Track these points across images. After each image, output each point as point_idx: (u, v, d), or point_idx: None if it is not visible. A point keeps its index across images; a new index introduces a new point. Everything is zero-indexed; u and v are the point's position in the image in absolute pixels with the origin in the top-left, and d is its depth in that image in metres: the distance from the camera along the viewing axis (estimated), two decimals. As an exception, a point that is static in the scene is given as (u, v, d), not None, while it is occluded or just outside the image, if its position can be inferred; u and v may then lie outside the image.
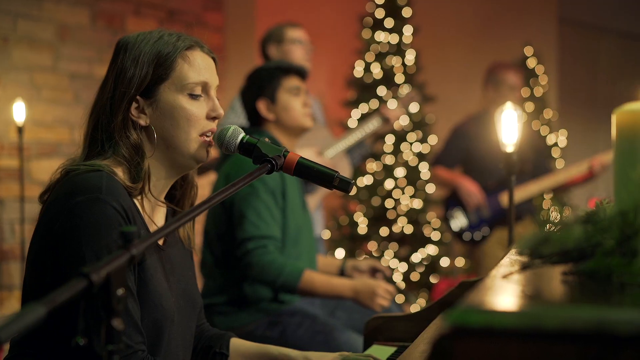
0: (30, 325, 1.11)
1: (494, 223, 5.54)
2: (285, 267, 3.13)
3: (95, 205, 1.80)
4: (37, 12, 5.81)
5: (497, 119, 3.08)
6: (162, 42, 2.00)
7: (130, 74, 1.96)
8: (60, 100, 5.92)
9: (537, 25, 8.20)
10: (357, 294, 3.15)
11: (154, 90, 1.98)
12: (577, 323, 0.96)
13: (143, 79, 1.96)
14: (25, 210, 5.29)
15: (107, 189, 1.83)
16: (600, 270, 1.22)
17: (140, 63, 1.97)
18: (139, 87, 1.96)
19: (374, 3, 6.57)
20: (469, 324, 1.00)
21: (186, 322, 2.08)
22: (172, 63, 1.98)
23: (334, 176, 1.91)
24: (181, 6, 6.87)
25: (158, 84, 1.98)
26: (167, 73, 1.98)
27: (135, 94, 1.96)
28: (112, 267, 1.30)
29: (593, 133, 8.78)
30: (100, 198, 1.81)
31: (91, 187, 1.83)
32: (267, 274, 3.13)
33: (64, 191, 1.87)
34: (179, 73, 1.99)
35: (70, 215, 1.81)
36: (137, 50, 1.98)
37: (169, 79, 1.98)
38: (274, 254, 3.17)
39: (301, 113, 3.46)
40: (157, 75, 1.97)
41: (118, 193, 1.85)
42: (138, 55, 1.97)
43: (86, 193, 1.82)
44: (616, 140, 1.32)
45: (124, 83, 1.96)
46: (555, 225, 1.33)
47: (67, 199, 1.84)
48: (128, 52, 1.99)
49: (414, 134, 6.46)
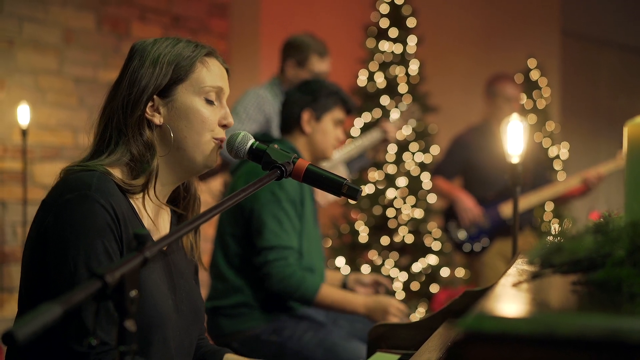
0: (47, 325, 1.11)
1: (493, 234, 5.55)
2: (304, 281, 3.17)
3: (83, 201, 1.81)
4: (42, 16, 5.82)
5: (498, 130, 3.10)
6: (182, 46, 2.04)
7: (149, 73, 1.99)
8: (65, 104, 5.93)
9: (540, 38, 8.23)
10: (370, 311, 3.21)
11: (171, 90, 2.00)
12: (591, 331, 0.97)
13: (162, 78, 1.99)
14: (27, 212, 5.30)
15: (98, 187, 1.84)
16: (610, 280, 1.24)
17: (160, 63, 1.99)
18: (158, 86, 1.99)
19: (379, 13, 6.58)
20: (483, 329, 1.01)
21: (186, 328, 2.07)
22: (192, 66, 2.02)
23: (343, 183, 1.92)
24: (186, 12, 6.89)
25: (176, 85, 2.00)
26: (187, 74, 2.01)
27: (153, 92, 1.98)
28: (126, 269, 1.31)
29: (595, 145, 8.80)
30: (89, 195, 1.82)
31: (81, 184, 1.84)
32: (286, 286, 3.18)
33: (56, 190, 1.89)
34: (198, 75, 2.02)
35: (59, 213, 1.83)
36: (156, 52, 2.01)
37: (187, 80, 2.01)
38: (294, 266, 3.21)
39: (332, 143, 3.53)
40: (176, 76, 2.00)
41: (109, 192, 1.86)
42: (157, 57, 2.00)
43: (76, 190, 1.83)
44: (628, 152, 1.33)
45: (142, 82, 1.98)
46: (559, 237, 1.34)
47: (58, 197, 1.85)
48: (146, 54, 2.01)
49: (417, 143, 6.46)
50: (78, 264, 1.77)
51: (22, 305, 1.93)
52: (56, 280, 1.79)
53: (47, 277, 1.81)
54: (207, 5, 7.09)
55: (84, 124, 2.08)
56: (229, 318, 3.32)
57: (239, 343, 3.28)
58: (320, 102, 3.48)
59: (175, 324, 2.00)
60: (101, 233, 1.81)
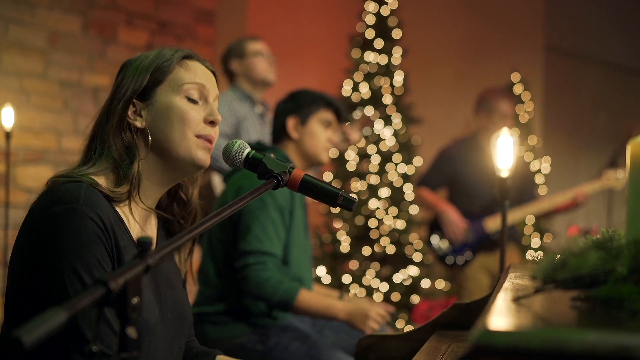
0: (53, 331, 1.11)
1: (477, 248, 5.57)
2: (281, 284, 3.15)
3: (73, 215, 1.81)
4: (29, 18, 5.81)
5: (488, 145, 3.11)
6: (161, 54, 2.06)
7: (129, 81, 2.01)
8: (49, 107, 5.90)
9: (524, 52, 8.28)
10: (351, 316, 3.19)
11: (150, 92, 2.02)
12: (601, 347, 0.98)
13: (141, 82, 2.01)
14: (10, 216, 5.27)
15: (86, 200, 1.83)
16: (612, 296, 1.25)
17: (139, 69, 2.02)
18: (136, 90, 2.00)
19: (365, 23, 6.61)
20: (495, 344, 1.02)
21: (173, 335, 2.07)
22: (169, 67, 2.04)
23: (338, 194, 1.92)
24: (173, 18, 6.89)
25: (154, 87, 2.02)
26: (164, 76, 2.03)
27: (131, 97, 2.00)
28: (129, 276, 1.31)
29: (576, 160, 8.86)
30: (78, 208, 1.81)
31: (69, 197, 1.84)
32: (263, 290, 3.15)
33: (44, 201, 1.88)
34: (175, 75, 2.04)
35: (48, 225, 1.82)
36: (137, 62, 2.04)
37: (166, 81, 2.03)
38: (272, 270, 3.19)
39: (323, 145, 3.51)
40: (153, 79, 2.02)
41: (97, 204, 1.85)
42: (137, 66, 2.03)
43: (64, 204, 1.82)
44: (630, 170, 1.34)
45: (122, 90, 2.01)
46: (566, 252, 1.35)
47: (46, 209, 1.85)
48: (130, 67, 2.05)
49: (400, 154, 6.48)
50: (72, 277, 1.77)
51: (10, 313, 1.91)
52: (48, 294, 1.79)
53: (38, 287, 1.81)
54: (193, 11, 7.10)
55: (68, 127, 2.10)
56: (214, 325, 3.31)
57: (224, 351, 3.27)
58: (303, 107, 3.50)
59: (161, 333, 2.00)
60: (92, 245, 1.81)
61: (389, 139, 6.46)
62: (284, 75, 5.06)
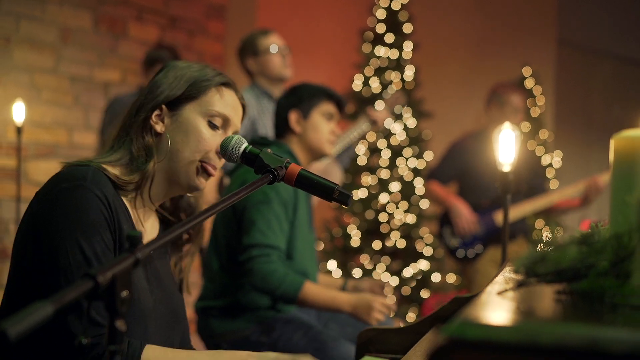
0: (38, 324, 1.13)
1: (487, 241, 5.56)
2: (286, 277, 3.16)
3: (78, 191, 1.86)
4: (40, 14, 5.83)
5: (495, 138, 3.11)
6: (204, 72, 2.12)
7: (167, 84, 2.08)
8: (60, 103, 5.93)
9: (536, 47, 8.25)
10: (355, 308, 3.19)
11: (180, 104, 2.08)
12: (572, 340, 0.99)
13: (176, 91, 2.07)
14: (21, 210, 5.29)
15: (92, 180, 1.89)
16: (593, 290, 1.26)
17: (179, 78, 2.09)
18: (168, 97, 2.06)
19: (375, 18, 6.61)
20: (467, 336, 1.03)
21: (166, 330, 2.09)
22: (206, 89, 2.10)
23: (334, 189, 1.94)
24: (183, 13, 6.91)
25: (186, 101, 2.08)
26: (198, 95, 2.09)
27: (162, 101, 2.06)
28: (117, 270, 1.32)
29: (587, 154, 8.82)
30: (84, 185, 1.87)
31: (76, 176, 1.89)
32: (268, 283, 3.16)
33: (51, 182, 1.92)
34: (208, 99, 2.09)
35: (53, 201, 1.86)
36: (180, 72, 2.11)
37: (197, 100, 2.08)
38: (277, 263, 3.20)
39: (326, 138, 3.52)
40: (189, 93, 2.08)
41: (103, 184, 1.90)
42: (179, 75, 2.09)
43: (70, 181, 1.87)
44: (614, 165, 1.35)
45: (158, 90, 2.07)
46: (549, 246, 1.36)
47: (52, 187, 1.89)
48: (172, 71, 2.12)
49: (410, 149, 6.48)
50: (74, 251, 1.81)
51: (10, 296, 1.93)
52: (51, 269, 1.81)
53: (40, 265, 1.83)
54: (204, 7, 7.11)
55: (79, 122, 2.14)
56: (219, 318, 3.33)
57: (228, 343, 3.29)
58: (304, 100, 3.51)
59: (155, 322, 2.02)
60: (96, 222, 1.85)
61: (399, 133, 6.46)
62: (294, 70, 5.05)
